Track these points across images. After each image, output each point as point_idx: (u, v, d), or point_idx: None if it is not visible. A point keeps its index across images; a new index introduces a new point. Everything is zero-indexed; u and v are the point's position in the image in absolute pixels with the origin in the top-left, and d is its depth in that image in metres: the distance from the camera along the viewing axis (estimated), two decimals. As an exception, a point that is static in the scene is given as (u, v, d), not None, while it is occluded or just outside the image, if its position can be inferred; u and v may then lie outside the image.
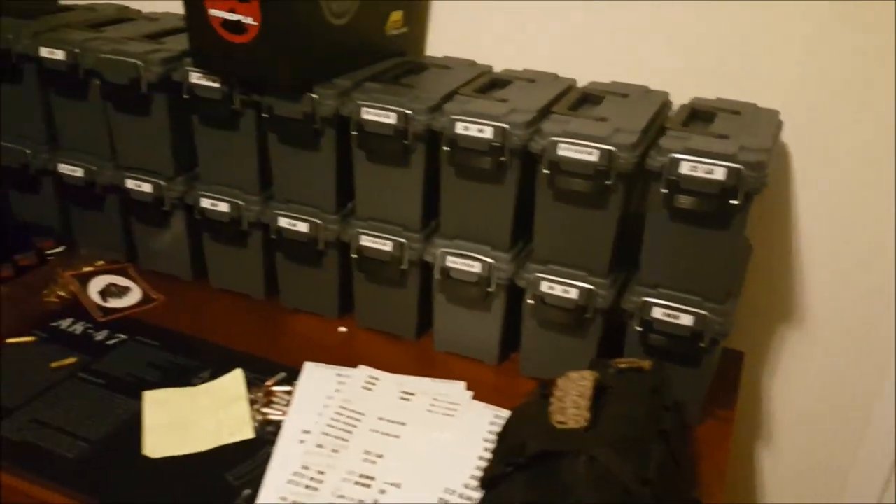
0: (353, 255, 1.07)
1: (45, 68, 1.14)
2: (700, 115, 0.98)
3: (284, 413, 0.94)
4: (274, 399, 0.97)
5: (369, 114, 0.97)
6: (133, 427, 0.90)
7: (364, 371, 1.03)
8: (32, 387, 0.96)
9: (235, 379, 0.99)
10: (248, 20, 0.93)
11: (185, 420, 0.92)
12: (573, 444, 0.66)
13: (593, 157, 0.86)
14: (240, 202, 1.12)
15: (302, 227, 1.08)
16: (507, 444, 0.71)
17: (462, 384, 1.03)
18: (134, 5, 1.36)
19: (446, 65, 1.13)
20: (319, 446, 0.89)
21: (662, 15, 1.08)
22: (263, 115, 1.03)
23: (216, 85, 1.04)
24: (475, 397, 1.00)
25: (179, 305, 1.19)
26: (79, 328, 1.09)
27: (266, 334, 1.15)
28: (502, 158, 0.92)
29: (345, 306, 1.17)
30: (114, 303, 1.15)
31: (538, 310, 0.97)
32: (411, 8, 1.17)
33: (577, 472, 0.64)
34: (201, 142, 1.12)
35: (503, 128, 0.90)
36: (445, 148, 0.95)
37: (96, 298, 1.15)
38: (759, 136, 0.89)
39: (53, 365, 1.00)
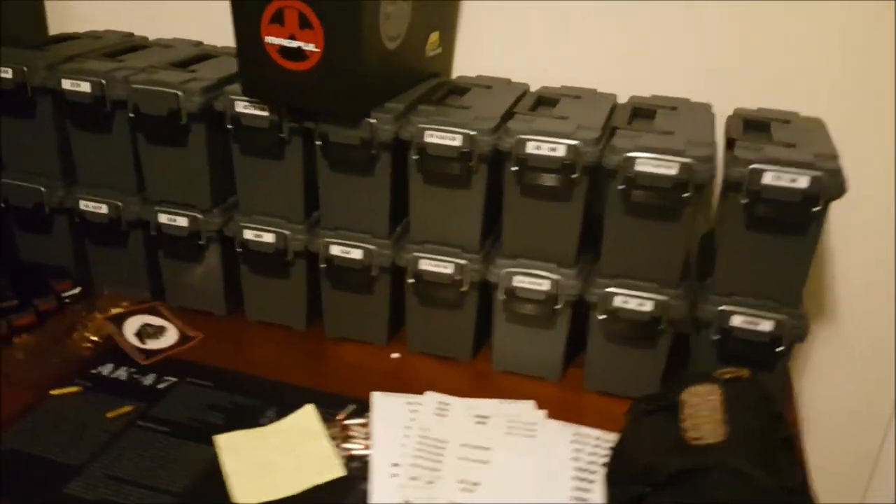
0: (410, 280, 1.05)
1: (64, 101, 1.08)
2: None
3: (366, 447, 0.91)
4: (351, 433, 0.94)
5: (433, 137, 0.95)
6: (214, 475, 0.86)
7: (433, 397, 1.01)
8: (93, 440, 0.90)
9: (308, 415, 0.95)
10: (310, 47, 0.90)
11: (268, 462, 0.88)
12: (713, 459, 0.66)
13: (672, 170, 0.87)
14: (286, 232, 1.08)
15: (356, 254, 1.05)
16: (636, 466, 0.71)
17: (531, 403, 1.02)
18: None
19: (486, 84, 1.13)
20: (413, 479, 0.87)
21: (704, 28, 1.11)
22: (316, 142, 1.00)
23: (264, 113, 1.01)
24: (547, 416, 1.00)
25: (219, 341, 1.14)
26: (122, 373, 1.03)
27: (317, 366, 1.12)
28: (574, 176, 0.92)
29: (392, 332, 1.15)
30: (152, 344, 1.10)
31: (608, 324, 0.98)
32: (445, 28, 1.16)
33: (724, 486, 0.64)
34: (242, 172, 1.08)
35: (575, 145, 0.91)
36: (514, 168, 0.94)
37: (133, 340, 1.09)
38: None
39: (110, 415, 0.94)
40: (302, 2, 0.88)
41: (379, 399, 1.00)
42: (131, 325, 1.12)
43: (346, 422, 0.95)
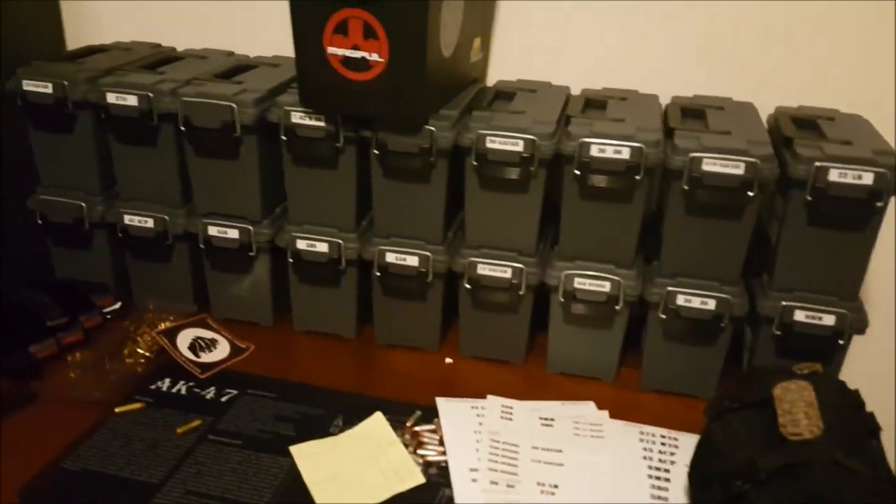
0: (467, 285, 1.06)
1: (108, 115, 1.07)
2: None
3: (440, 453, 0.92)
4: (423, 439, 0.94)
5: (494, 142, 0.96)
6: (296, 486, 0.86)
7: (495, 401, 1.02)
8: (167, 456, 0.89)
9: (379, 423, 0.96)
10: (374, 57, 0.90)
11: (347, 472, 0.88)
12: (814, 454, 0.68)
13: (739, 170, 0.89)
14: (339, 241, 1.08)
15: (412, 260, 1.06)
16: (732, 463, 0.72)
17: (592, 404, 1.03)
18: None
19: (528, 88, 1.14)
20: (494, 483, 0.87)
21: (737, 26, 1.13)
22: (373, 151, 1.01)
23: (320, 123, 1.00)
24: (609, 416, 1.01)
25: (271, 352, 1.14)
26: (182, 388, 1.02)
27: (371, 374, 1.12)
28: (637, 177, 0.94)
29: (441, 337, 1.15)
30: (206, 357, 1.09)
31: (669, 323, 1.00)
32: (485, 34, 1.17)
33: (828, 481, 0.66)
34: (294, 182, 1.08)
35: (640, 148, 0.92)
36: (575, 171, 0.95)
37: (188, 354, 1.09)
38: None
39: (180, 430, 0.93)
40: (367, 12, 0.88)
41: (444, 405, 1.00)
42: (183, 339, 1.11)
43: (416, 428, 0.96)
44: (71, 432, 0.93)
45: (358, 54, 0.91)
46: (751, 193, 0.90)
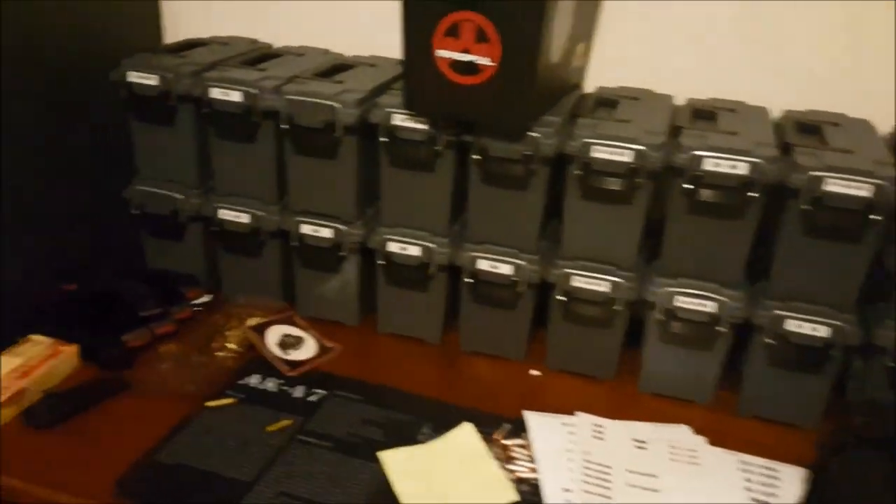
0: (560, 297, 1.03)
1: (210, 110, 1.08)
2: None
3: (530, 469, 0.90)
4: (513, 454, 0.92)
5: (601, 152, 0.93)
6: (386, 494, 0.85)
7: (586, 418, 0.99)
8: (258, 454, 0.89)
9: (468, 434, 0.94)
10: (484, 61, 0.88)
11: (438, 483, 0.86)
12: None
13: (864, 192, 0.84)
14: (431, 245, 1.07)
15: (505, 269, 1.04)
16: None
17: (686, 428, 0.99)
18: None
19: (631, 95, 1.10)
20: (588, 505, 0.85)
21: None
22: (474, 156, 0.99)
23: (422, 126, 0.99)
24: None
25: (356, 353, 1.13)
26: (271, 385, 1.02)
27: (456, 381, 1.10)
28: (752, 195, 0.89)
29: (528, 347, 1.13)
30: (294, 354, 1.09)
31: (776, 349, 0.95)
32: (588, 39, 1.14)
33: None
34: (390, 184, 1.07)
35: (759, 163, 0.88)
36: (686, 185, 0.92)
37: (277, 351, 1.09)
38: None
39: (270, 429, 0.93)
40: (481, 16, 0.86)
41: (533, 419, 0.98)
42: (272, 336, 1.12)
43: (505, 442, 0.94)
44: (163, 424, 0.94)
45: (467, 58, 0.89)
46: (874, 217, 0.85)
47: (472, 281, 1.06)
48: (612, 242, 1.00)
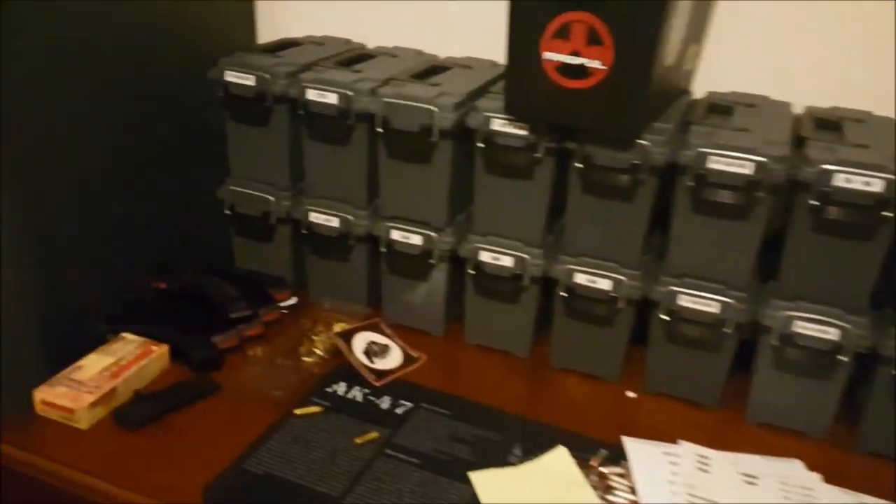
0: (663, 317, 0.97)
1: (305, 111, 1.06)
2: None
3: (630, 502, 0.84)
4: (611, 483, 0.86)
5: (718, 163, 0.87)
6: (477, 518, 0.81)
7: (690, 448, 0.92)
8: (346, 468, 0.87)
9: (563, 459, 0.89)
10: (595, 64, 0.83)
11: (532, 511, 0.82)
12: None
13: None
14: (524, 256, 1.02)
15: (604, 284, 0.98)
16: None
17: (799, 463, 0.91)
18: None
19: (745, 102, 1.03)
20: (695, 545, 0.79)
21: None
22: (576, 164, 0.94)
23: (522, 132, 0.95)
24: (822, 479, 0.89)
25: (442, 364, 1.10)
26: (357, 394, 1.00)
27: (548, 398, 1.05)
28: (886, 213, 0.81)
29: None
30: (379, 363, 1.06)
31: (902, 384, 0.86)
32: (700, 41, 1.07)
33: None
34: (484, 191, 1.03)
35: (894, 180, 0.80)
36: (811, 202, 0.84)
37: (363, 359, 1.06)
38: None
39: (358, 441, 0.91)
40: (595, 16, 0.81)
41: (633, 446, 0.92)
42: (359, 343, 1.09)
43: (602, 469, 0.88)
44: (250, 429, 0.93)
45: (577, 61, 0.84)
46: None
47: (567, 295, 1.01)
48: (723, 260, 0.93)
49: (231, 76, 1.09)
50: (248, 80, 1.08)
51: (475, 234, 1.06)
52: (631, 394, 1.05)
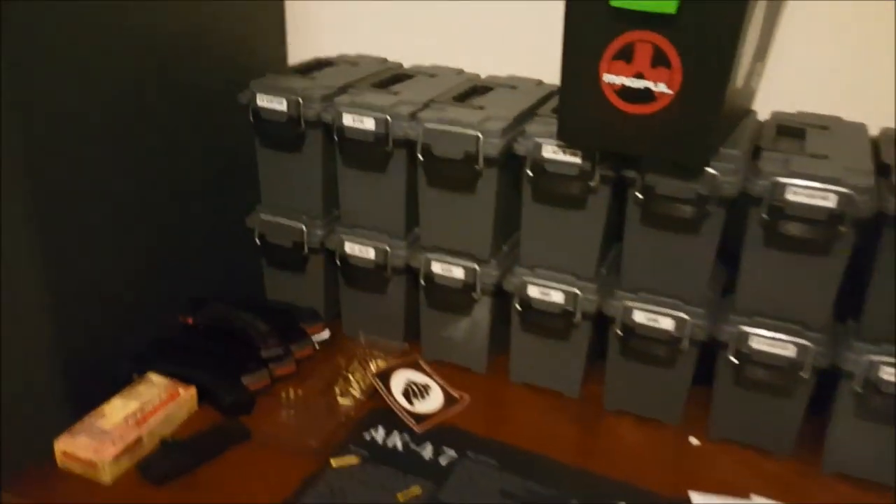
0: (732, 359, 0.89)
1: (342, 137, 1.00)
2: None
3: (703, 569, 0.76)
4: (681, 547, 0.79)
5: (798, 194, 0.78)
6: (534, 591, 0.73)
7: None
8: (388, 529, 0.80)
9: (627, 520, 0.81)
10: (660, 88, 0.76)
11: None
12: None
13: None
14: (576, 291, 0.95)
15: (665, 323, 0.90)
16: None
17: (886, 522, 0.83)
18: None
19: (817, 123, 0.95)
20: None
21: None
22: (636, 193, 0.86)
23: (575, 160, 0.87)
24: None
25: (486, 406, 1.02)
26: (396, 441, 0.93)
27: (603, 445, 0.97)
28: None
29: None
30: (420, 405, 0.99)
31: None
32: (766, 57, 0.99)
33: None
34: (532, 221, 0.96)
35: None
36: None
37: (402, 401, 0.99)
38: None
39: (401, 498, 0.84)
40: (661, 35, 0.73)
41: (702, 501, 0.84)
42: (397, 383, 1.02)
43: (669, 530, 0.81)
44: (284, 484, 0.85)
45: (641, 84, 0.76)
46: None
47: (623, 334, 0.93)
48: (800, 298, 0.85)
49: (263, 101, 1.03)
50: (280, 105, 1.02)
51: (522, 266, 0.99)
52: (694, 440, 0.96)
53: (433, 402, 1.01)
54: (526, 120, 0.95)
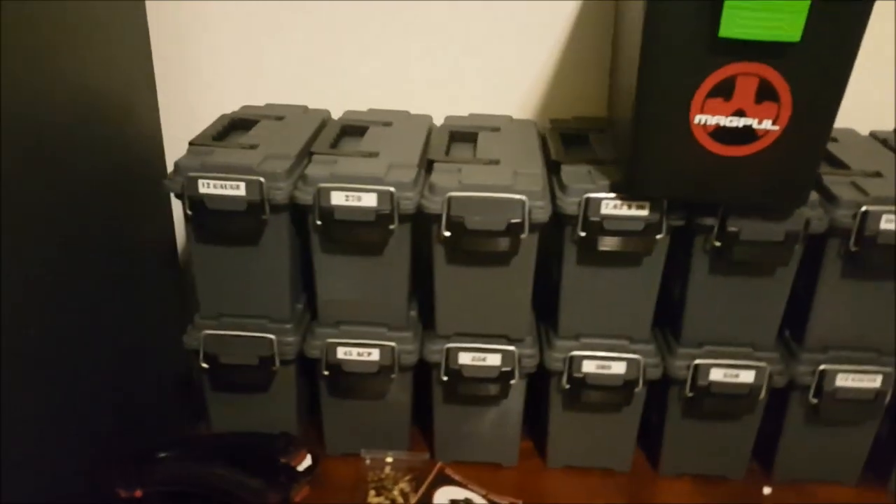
0: (813, 400, 0.82)
1: (329, 220, 0.77)
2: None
3: None
4: None
5: (892, 222, 0.73)
6: None
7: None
8: None
9: None
10: (765, 125, 0.66)
11: None
12: None
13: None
14: (637, 357, 0.83)
15: (745, 376, 0.81)
16: None
17: None
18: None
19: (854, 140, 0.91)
20: None
21: None
22: (715, 242, 0.76)
23: (643, 213, 0.75)
24: None
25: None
26: (479, 589, 0.74)
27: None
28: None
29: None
30: (477, 531, 0.81)
31: None
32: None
33: None
34: (575, 286, 0.81)
35: None
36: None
37: (457, 531, 0.80)
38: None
39: None
40: (771, 67, 0.63)
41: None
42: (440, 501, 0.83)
43: None
44: None
45: (741, 122, 0.66)
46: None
47: (693, 395, 0.83)
48: (876, 328, 0.81)
49: (207, 186, 0.77)
50: (237, 190, 0.77)
51: (563, 339, 0.85)
52: (767, 490, 0.89)
53: (487, 520, 0.83)
54: (557, 172, 0.81)
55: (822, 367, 0.81)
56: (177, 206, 1.06)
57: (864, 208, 0.74)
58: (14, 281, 0.67)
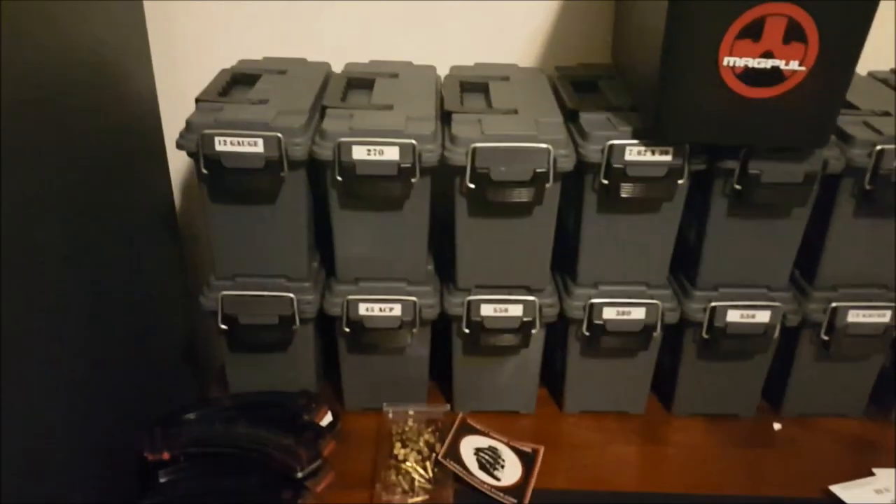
0: (824, 337, 0.85)
1: (351, 175, 0.76)
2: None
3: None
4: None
5: (901, 160, 0.75)
6: None
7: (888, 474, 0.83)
8: None
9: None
10: (792, 66, 0.66)
11: None
12: None
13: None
14: (655, 302, 0.84)
15: (761, 316, 0.83)
16: None
17: None
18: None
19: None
20: None
21: None
22: (736, 186, 0.77)
23: (666, 158, 0.75)
24: None
25: (560, 452, 0.88)
26: (513, 533, 0.76)
27: (705, 461, 0.89)
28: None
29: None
30: (504, 477, 0.82)
31: None
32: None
33: None
34: (594, 234, 0.82)
35: None
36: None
37: (487, 479, 0.81)
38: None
39: None
40: (798, 6, 0.64)
41: (847, 495, 0.80)
42: (468, 457, 0.84)
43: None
44: None
45: (768, 63, 0.66)
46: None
47: (708, 337, 0.85)
48: (888, 264, 0.83)
49: (223, 144, 0.75)
50: (254, 147, 0.76)
51: (582, 287, 0.86)
52: (778, 425, 0.93)
53: (513, 468, 0.84)
54: (576, 118, 0.80)
55: (833, 304, 0.84)
56: (175, 167, 1.05)
57: (878, 147, 0.75)
58: (13, 249, 0.66)
